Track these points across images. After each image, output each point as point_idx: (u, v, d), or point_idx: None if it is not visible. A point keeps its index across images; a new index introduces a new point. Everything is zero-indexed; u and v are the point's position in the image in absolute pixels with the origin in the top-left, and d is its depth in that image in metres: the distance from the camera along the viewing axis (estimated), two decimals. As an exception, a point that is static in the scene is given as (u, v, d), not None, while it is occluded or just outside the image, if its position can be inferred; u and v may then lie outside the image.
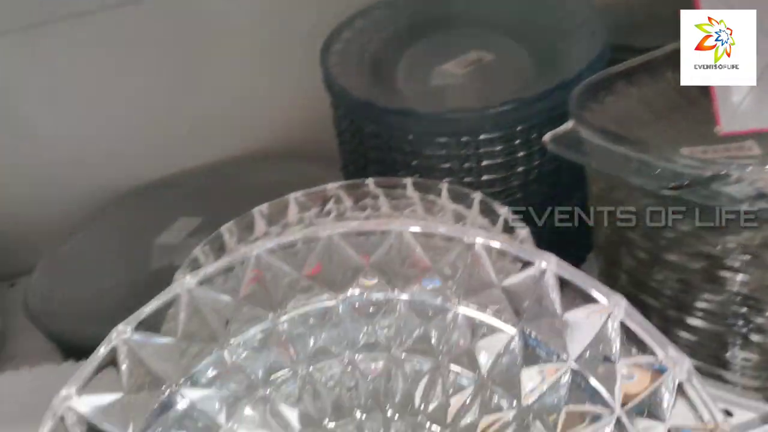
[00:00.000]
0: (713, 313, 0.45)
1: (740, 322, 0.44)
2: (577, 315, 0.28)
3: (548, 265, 0.28)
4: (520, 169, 0.51)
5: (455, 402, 0.30)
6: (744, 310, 0.43)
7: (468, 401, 0.30)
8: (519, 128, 0.49)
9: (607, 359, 0.28)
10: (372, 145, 0.54)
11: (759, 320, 0.43)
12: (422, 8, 0.67)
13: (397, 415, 0.30)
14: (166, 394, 0.28)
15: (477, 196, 0.48)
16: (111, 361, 0.27)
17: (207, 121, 0.72)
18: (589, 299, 0.27)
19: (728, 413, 0.47)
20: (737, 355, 0.46)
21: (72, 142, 0.69)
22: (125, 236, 0.67)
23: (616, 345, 0.27)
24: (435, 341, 0.30)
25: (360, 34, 0.62)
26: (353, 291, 0.30)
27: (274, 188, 0.48)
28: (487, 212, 0.48)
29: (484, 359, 0.30)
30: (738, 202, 0.40)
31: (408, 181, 0.51)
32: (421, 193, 0.52)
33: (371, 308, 0.31)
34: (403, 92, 0.57)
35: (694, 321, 0.46)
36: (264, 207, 0.53)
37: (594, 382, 0.28)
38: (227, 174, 0.73)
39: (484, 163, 0.50)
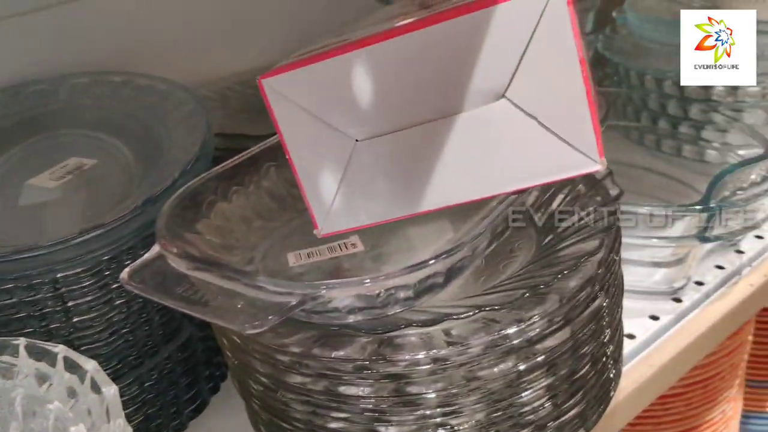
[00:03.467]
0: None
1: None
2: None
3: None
4: (120, 301, 0.43)
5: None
6: (374, 426, 0.40)
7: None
8: (107, 257, 0.42)
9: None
10: None
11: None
12: (11, 110, 0.57)
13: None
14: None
15: (60, 351, 0.40)
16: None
17: None
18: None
19: None
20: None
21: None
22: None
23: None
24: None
25: None
26: None
27: None
28: (74, 369, 0.40)
29: None
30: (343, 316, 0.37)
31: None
32: (-7, 355, 0.42)
33: None
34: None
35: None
36: None
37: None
38: None
39: (71, 304, 0.41)
